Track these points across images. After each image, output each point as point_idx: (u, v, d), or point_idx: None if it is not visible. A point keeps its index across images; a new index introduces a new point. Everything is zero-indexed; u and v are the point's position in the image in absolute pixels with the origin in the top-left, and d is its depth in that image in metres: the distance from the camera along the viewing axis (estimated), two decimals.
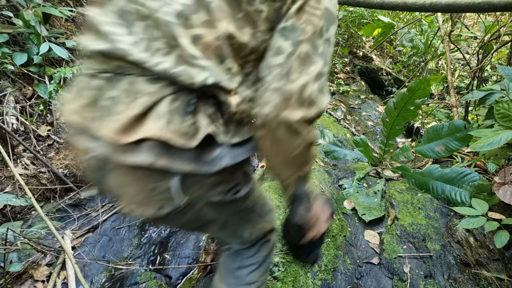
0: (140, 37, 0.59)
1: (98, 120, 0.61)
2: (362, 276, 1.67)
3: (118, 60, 0.61)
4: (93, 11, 0.63)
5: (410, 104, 2.08)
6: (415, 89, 2.01)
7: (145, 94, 0.59)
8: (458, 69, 5.78)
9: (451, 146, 1.95)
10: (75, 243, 1.78)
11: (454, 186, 1.85)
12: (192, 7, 0.58)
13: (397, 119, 2.18)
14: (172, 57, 0.59)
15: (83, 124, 0.63)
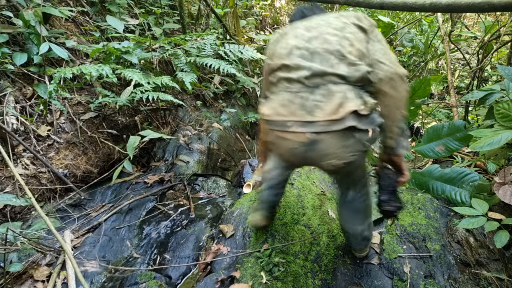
0: (322, 61, 1.12)
1: (309, 114, 1.09)
2: (362, 276, 1.67)
3: (319, 77, 1.12)
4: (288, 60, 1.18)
5: (410, 104, 2.08)
6: (415, 89, 2.01)
7: (338, 92, 1.09)
8: (458, 69, 5.78)
9: (451, 146, 1.95)
10: (75, 243, 1.78)
11: (454, 186, 1.85)
12: (341, 43, 1.15)
13: None
14: (344, 64, 1.11)
15: (293, 120, 1.11)
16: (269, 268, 1.48)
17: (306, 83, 1.14)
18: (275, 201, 1.62)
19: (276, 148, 1.24)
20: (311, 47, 1.17)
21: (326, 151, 1.12)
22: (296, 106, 1.12)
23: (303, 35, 1.22)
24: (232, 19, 4.28)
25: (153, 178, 2.38)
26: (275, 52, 1.26)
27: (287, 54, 1.20)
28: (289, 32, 1.27)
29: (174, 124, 2.97)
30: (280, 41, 1.27)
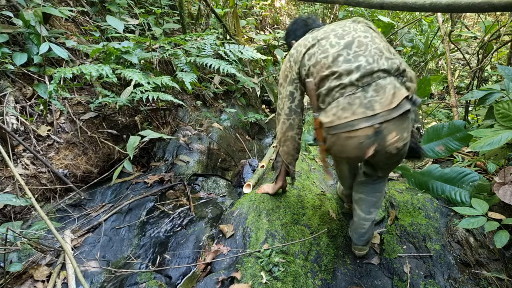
0: (367, 61, 1.28)
1: (369, 109, 1.24)
2: (362, 276, 1.67)
3: (368, 76, 1.27)
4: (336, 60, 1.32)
5: None
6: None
7: (387, 85, 1.26)
8: (458, 69, 5.78)
9: (451, 146, 1.95)
10: (75, 243, 1.78)
11: (454, 186, 1.85)
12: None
13: None
14: (384, 60, 1.29)
15: (357, 118, 1.25)
16: (269, 268, 1.48)
17: (359, 84, 1.27)
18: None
19: (342, 150, 1.36)
20: (351, 51, 1.31)
21: (390, 137, 1.29)
22: (356, 106, 1.26)
23: (338, 43, 1.34)
24: (232, 19, 4.28)
25: (153, 178, 2.38)
26: (315, 63, 1.35)
27: (333, 62, 1.31)
28: (318, 43, 1.38)
29: (174, 124, 2.97)
30: (313, 54, 1.37)
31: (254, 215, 1.78)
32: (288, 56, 1.49)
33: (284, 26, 6.54)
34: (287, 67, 1.49)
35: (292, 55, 1.45)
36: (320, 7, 6.12)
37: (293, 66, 1.45)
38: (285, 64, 1.50)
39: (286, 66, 1.49)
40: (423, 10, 1.70)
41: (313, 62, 1.36)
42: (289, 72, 1.48)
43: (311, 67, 1.36)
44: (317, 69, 1.34)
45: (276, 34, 4.79)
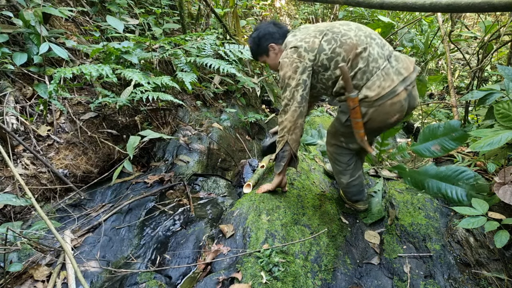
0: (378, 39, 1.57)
1: (399, 75, 1.50)
2: (362, 276, 1.67)
3: (386, 49, 1.57)
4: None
5: None
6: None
7: (399, 55, 1.59)
8: (458, 69, 5.78)
9: (446, 145, 1.95)
10: (75, 243, 1.78)
11: (450, 184, 1.85)
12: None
13: None
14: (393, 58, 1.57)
15: (396, 83, 1.49)
16: (269, 268, 1.48)
17: (384, 56, 1.52)
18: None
19: (385, 118, 1.56)
20: (362, 33, 1.53)
21: (415, 96, 1.59)
22: (392, 75, 1.49)
23: (350, 27, 1.56)
24: (232, 19, 4.28)
25: (153, 178, 2.38)
26: (341, 44, 1.52)
27: (358, 41, 1.50)
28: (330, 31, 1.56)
29: (174, 124, 2.97)
30: (333, 38, 1.54)
31: (254, 215, 1.78)
32: (293, 49, 1.58)
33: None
34: (294, 59, 1.57)
35: (301, 46, 1.57)
36: (320, 7, 6.12)
37: (305, 56, 1.56)
38: (290, 57, 1.58)
39: (293, 57, 1.58)
40: (423, 10, 1.70)
41: (337, 44, 1.52)
42: (300, 62, 1.57)
43: (336, 48, 1.51)
44: (346, 49, 1.50)
45: None
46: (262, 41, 1.74)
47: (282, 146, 1.73)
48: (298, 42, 1.59)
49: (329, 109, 4.74)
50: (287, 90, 1.63)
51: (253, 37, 1.77)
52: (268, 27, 1.74)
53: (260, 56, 1.81)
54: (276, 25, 1.76)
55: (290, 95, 1.62)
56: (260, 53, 1.79)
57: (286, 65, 1.60)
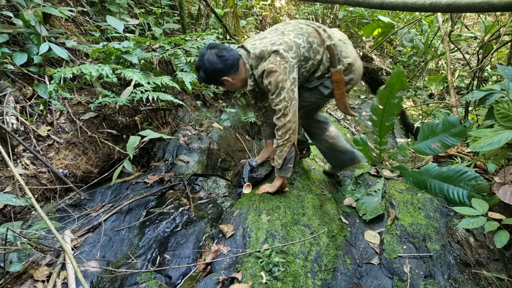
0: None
1: (345, 41, 1.87)
2: (362, 276, 1.67)
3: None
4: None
5: (392, 98, 2.09)
6: (393, 83, 2.03)
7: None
8: (458, 69, 5.78)
9: (447, 142, 1.95)
10: (75, 243, 1.78)
11: (452, 185, 1.85)
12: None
13: (384, 115, 2.19)
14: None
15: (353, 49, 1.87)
16: (269, 268, 1.48)
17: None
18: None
19: (358, 78, 1.86)
20: (306, 22, 1.82)
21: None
22: (344, 41, 1.83)
23: (296, 22, 1.83)
24: (232, 19, 4.28)
25: (153, 178, 2.38)
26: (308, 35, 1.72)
27: (314, 26, 1.77)
28: (288, 29, 1.73)
29: (174, 124, 2.97)
30: (298, 33, 1.71)
31: (254, 215, 1.78)
32: (274, 53, 1.63)
33: None
34: (280, 61, 1.62)
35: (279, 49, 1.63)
36: (320, 7, 6.12)
37: (287, 56, 1.63)
38: (275, 62, 1.62)
39: (278, 60, 1.62)
40: (423, 10, 1.70)
41: (305, 36, 1.70)
42: (286, 63, 1.62)
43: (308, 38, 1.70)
44: (314, 35, 1.72)
45: None
46: (213, 77, 1.72)
47: (289, 148, 1.75)
48: (273, 46, 1.62)
49: (329, 109, 4.74)
50: (283, 93, 1.63)
51: (204, 69, 1.70)
52: (213, 63, 1.67)
53: (214, 85, 1.91)
54: (220, 57, 1.67)
55: (288, 96, 1.63)
56: (215, 84, 1.81)
57: (274, 70, 1.61)
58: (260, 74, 1.68)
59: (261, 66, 1.66)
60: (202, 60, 1.69)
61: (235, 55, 1.71)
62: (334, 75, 1.73)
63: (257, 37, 1.76)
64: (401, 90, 2.04)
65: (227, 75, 1.72)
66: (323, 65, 1.75)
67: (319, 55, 1.71)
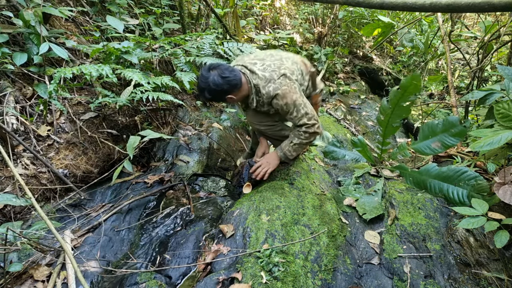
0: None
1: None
2: (362, 276, 1.67)
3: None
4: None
5: (403, 101, 2.08)
6: (407, 86, 2.02)
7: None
8: (458, 69, 5.78)
9: (446, 142, 1.95)
10: (75, 243, 1.78)
11: (452, 185, 1.85)
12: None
13: (392, 116, 2.19)
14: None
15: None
16: (269, 268, 1.48)
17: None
18: None
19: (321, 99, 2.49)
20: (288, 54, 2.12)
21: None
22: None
23: (278, 54, 2.06)
24: (232, 19, 4.28)
25: (153, 178, 2.38)
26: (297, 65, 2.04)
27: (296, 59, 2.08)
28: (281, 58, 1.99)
29: (174, 124, 2.97)
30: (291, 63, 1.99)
31: (254, 215, 1.78)
32: (283, 77, 1.86)
33: (284, 26, 6.54)
34: (289, 83, 1.87)
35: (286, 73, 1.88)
36: (320, 7, 6.12)
37: (292, 77, 1.90)
38: (286, 84, 1.85)
39: (288, 82, 1.86)
40: (423, 10, 1.70)
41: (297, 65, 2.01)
42: (294, 83, 1.89)
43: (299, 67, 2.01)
44: (301, 65, 2.04)
45: (276, 34, 4.79)
46: (218, 96, 1.84)
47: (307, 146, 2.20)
48: (280, 70, 1.87)
49: (329, 109, 4.74)
50: (301, 108, 1.87)
51: (208, 90, 1.80)
52: (219, 85, 1.77)
53: (215, 102, 2.03)
54: (224, 77, 1.78)
55: (307, 108, 1.90)
56: (217, 101, 2.07)
57: (287, 91, 1.82)
58: (271, 96, 1.85)
59: (271, 88, 1.84)
60: (206, 82, 1.78)
61: (238, 74, 1.84)
62: (314, 98, 2.11)
63: (255, 58, 1.95)
64: (414, 94, 2.03)
65: (231, 94, 1.85)
66: (309, 90, 2.12)
67: (306, 82, 2.06)
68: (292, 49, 5.53)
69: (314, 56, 5.61)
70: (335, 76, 6.18)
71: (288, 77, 1.84)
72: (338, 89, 5.68)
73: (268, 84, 1.84)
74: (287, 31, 5.35)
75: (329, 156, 2.54)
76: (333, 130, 3.70)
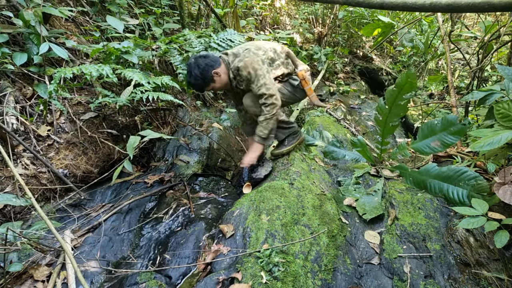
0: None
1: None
2: (362, 276, 1.67)
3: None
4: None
5: (400, 99, 2.09)
6: (402, 84, 2.02)
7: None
8: (458, 69, 5.78)
9: (446, 140, 1.95)
10: (75, 243, 1.78)
11: (452, 185, 1.85)
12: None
13: (389, 115, 2.19)
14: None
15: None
16: (269, 268, 1.48)
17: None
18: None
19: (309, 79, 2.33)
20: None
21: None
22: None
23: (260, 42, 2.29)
24: (232, 19, 4.28)
25: (153, 178, 2.38)
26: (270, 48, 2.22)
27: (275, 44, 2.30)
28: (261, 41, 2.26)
29: (174, 124, 2.97)
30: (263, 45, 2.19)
31: (254, 215, 1.78)
32: (252, 55, 2.04)
33: (284, 26, 6.53)
34: (254, 57, 2.04)
35: (258, 51, 2.10)
36: (320, 7, 6.12)
37: (261, 54, 2.10)
38: (253, 58, 2.03)
39: (254, 57, 2.04)
40: (423, 10, 1.70)
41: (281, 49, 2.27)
42: (259, 58, 2.06)
43: (274, 48, 2.22)
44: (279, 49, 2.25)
45: (276, 34, 4.79)
46: (205, 73, 2.02)
47: (275, 121, 2.17)
48: (246, 46, 2.10)
49: (329, 109, 4.74)
50: (261, 78, 2.03)
51: (194, 75, 2.01)
52: (200, 61, 2.02)
53: (208, 86, 2.09)
54: (203, 57, 2.04)
55: (267, 80, 2.04)
56: (208, 84, 2.08)
57: (250, 62, 2.00)
58: (237, 67, 2.04)
59: (237, 60, 2.05)
60: (189, 71, 2.03)
61: (213, 54, 2.10)
62: (300, 74, 2.23)
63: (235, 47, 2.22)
64: (410, 92, 2.03)
65: (215, 68, 2.04)
66: (291, 66, 2.25)
67: (282, 58, 2.21)
68: (292, 49, 5.53)
69: (314, 56, 5.61)
70: (335, 76, 6.18)
71: (252, 51, 2.03)
72: (338, 89, 5.68)
73: (235, 58, 2.08)
74: (287, 31, 5.35)
75: (329, 156, 2.54)
76: (333, 130, 3.70)
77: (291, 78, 2.28)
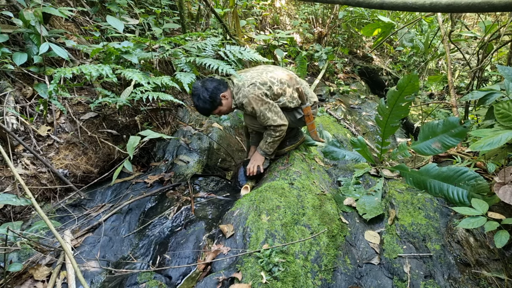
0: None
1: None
2: (362, 276, 1.67)
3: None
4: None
5: (401, 101, 2.09)
6: (404, 86, 2.02)
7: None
8: (458, 69, 5.78)
9: (447, 142, 1.95)
10: (75, 243, 1.78)
11: (452, 185, 1.85)
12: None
13: (390, 116, 2.19)
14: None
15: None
16: (269, 268, 1.48)
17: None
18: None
19: (315, 113, 2.36)
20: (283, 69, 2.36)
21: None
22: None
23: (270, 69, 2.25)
24: (232, 19, 4.28)
25: (153, 178, 2.38)
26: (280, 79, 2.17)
27: (287, 74, 2.25)
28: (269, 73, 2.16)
29: (174, 124, 2.97)
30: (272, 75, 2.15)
31: (254, 215, 1.78)
32: (256, 90, 2.04)
33: (284, 26, 6.53)
34: (258, 92, 2.05)
35: (263, 86, 2.08)
36: (320, 7, 6.12)
37: (266, 89, 2.08)
38: (256, 94, 2.03)
39: (258, 92, 2.04)
40: (423, 10, 1.70)
41: (290, 83, 2.22)
42: (263, 92, 2.06)
43: (282, 79, 2.16)
44: (287, 80, 2.19)
45: (276, 34, 4.79)
46: (214, 96, 2.04)
47: (280, 142, 2.28)
48: (252, 80, 2.06)
49: (329, 109, 4.74)
50: (266, 112, 2.08)
51: (203, 98, 2.03)
52: (209, 84, 2.06)
53: (215, 110, 2.10)
54: (210, 80, 2.08)
55: (273, 113, 2.09)
56: (216, 107, 2.09)
57: (254, 98, 2.02)
58: (241, 103, 2.07)
59: (240, 95, 2.06)
60: (197, 94, 2.04)
61: (221, 81, 2.12)
62: (305, 110, 2.24)
63: (243, 72, 2.21)
64: (411, 93, 2.03)
65: (223, 92, 2.07)
66: (297, 101, 2.21)
67: (288, 94, 2.15)
68: (292, 49, 5.53)
69: (315, 55, 5.60)
70: (335, 76, 6.18)
71: (257, 86, 2.03)
72: (338, 89, 5.68)
73: (239, 91, 2.08)
74: (287, 31, 5.35)
75: (329, 156, 2.55)
76: (333, 130, 3.70)
77: (296, 111, 2.28)
